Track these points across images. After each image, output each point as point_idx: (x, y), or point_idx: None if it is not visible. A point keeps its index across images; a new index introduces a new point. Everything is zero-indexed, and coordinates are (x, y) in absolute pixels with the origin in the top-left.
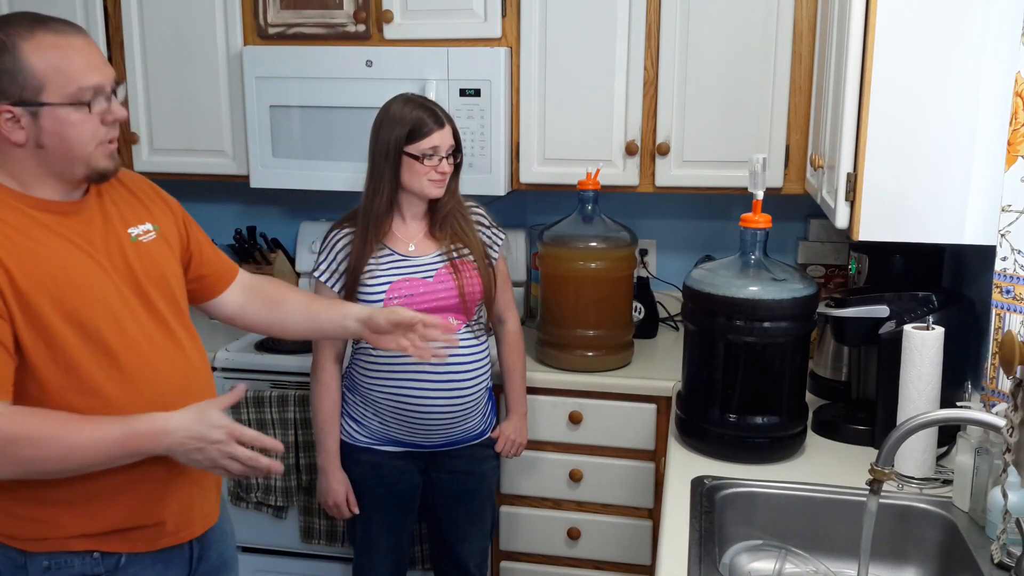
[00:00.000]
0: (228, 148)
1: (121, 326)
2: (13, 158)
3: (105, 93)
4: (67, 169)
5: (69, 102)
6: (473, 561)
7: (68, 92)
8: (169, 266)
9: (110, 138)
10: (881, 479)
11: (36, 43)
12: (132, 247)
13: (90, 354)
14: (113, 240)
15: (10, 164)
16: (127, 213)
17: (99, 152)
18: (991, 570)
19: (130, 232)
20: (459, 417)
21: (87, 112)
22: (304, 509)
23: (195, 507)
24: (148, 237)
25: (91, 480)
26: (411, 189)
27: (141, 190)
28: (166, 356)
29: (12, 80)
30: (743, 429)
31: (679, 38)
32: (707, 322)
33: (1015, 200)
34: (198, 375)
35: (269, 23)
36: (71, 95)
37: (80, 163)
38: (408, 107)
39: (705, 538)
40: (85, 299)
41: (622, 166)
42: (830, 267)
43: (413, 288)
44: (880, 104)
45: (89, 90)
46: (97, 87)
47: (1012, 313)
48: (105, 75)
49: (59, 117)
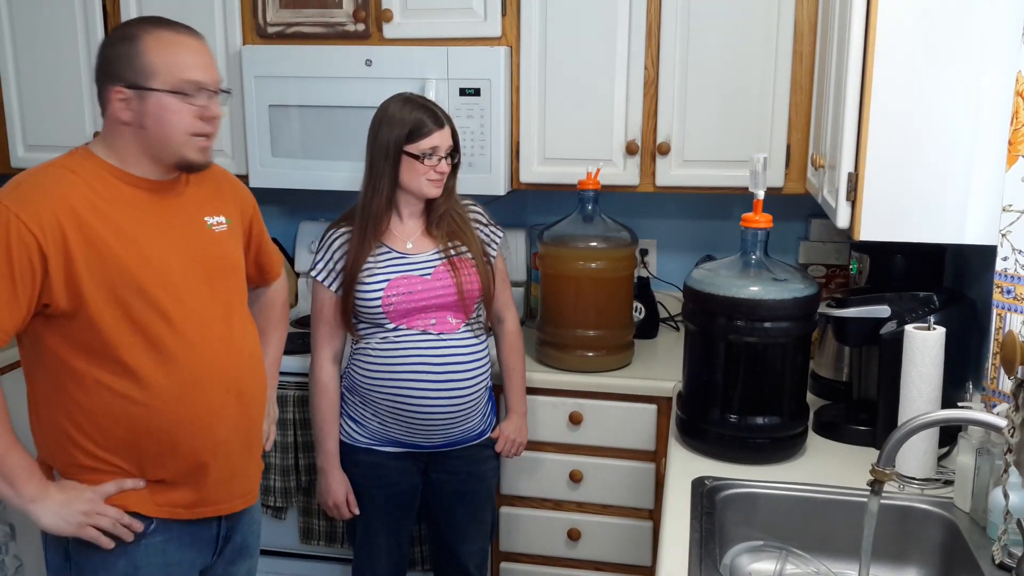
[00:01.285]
0: (227, 147)
1: (180, 298)
2: (119, 135)
3: (206, 91)
4: (161, 152)
5: (171, 90)
6: (473, 562)
7: (172, 82)
8: (235, 255)
9: (204, 133)
10: (882, 480)
11: (155, 37)
12: (207, 233)
13: (149, 317)
14: (191, 224)
15: (115, 140)
16: (207, 203)
17: (191, 143)
18: (992, 571)
19: (206, 220)
20: (459, 417)
21: (186, 103)
22: (303, 510)
23: (236, 480)
24: (220, 228)
25: (143, 432)
26: (409, 189)
27: (224, 185)
28: (217, 331)
29: (129, 65)
30: (744, 430)
31: (680, 37)
32: (708, 322)
33: (1016, 200)
34: (248, 360)
35: (268, 22)
36: (174, 84)
37: (173, 149)
38: (407, 107)
39: (706, 539)
40: (150, 270)
41: (622, 166)
42: (831, 267)
43: (411, 286)
44: (881, 104)
45: (191, 84)
46: (198, 83)
47: (1013, 313)
48: (209, 76)
49: (161, 103)
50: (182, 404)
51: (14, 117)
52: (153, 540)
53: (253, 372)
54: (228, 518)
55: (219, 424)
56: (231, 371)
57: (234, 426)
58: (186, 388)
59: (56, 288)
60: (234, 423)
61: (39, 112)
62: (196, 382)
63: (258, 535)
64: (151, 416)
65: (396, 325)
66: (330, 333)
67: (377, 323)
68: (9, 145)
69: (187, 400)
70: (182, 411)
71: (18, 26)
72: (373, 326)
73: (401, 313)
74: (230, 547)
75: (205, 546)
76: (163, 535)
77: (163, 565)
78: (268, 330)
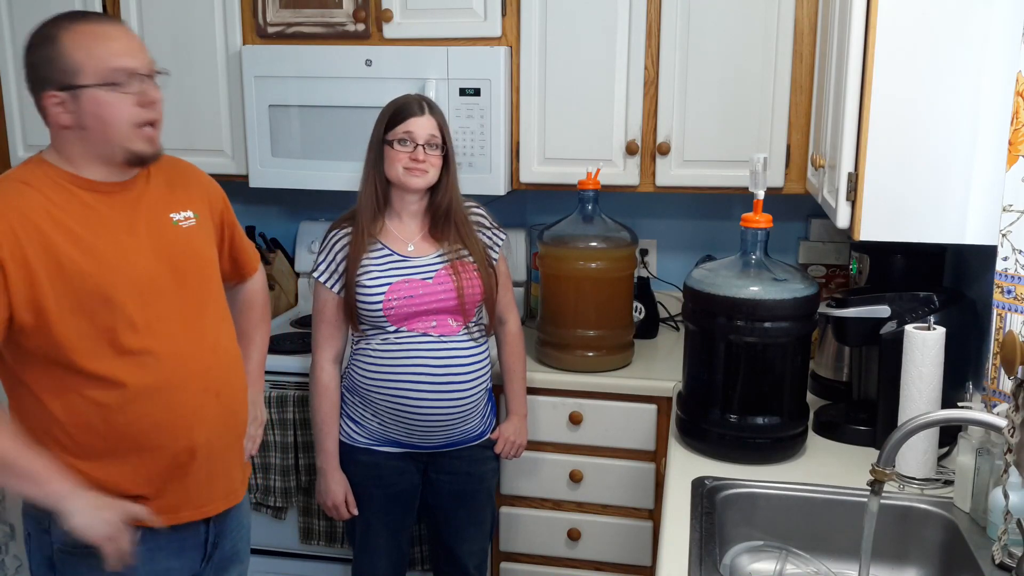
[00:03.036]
0: (227, 147)
1: (146, 301)
2: (64, 140)
3: (139, 77)
4: (107, 151)
5: (102, 83)
6: (473, 562)
7: (101, 73)
8: (206, 251)
9: (147, 120)
10: (882, 480)
11: (74, 32)
12: (173, 231)
13: (114, 323)
14: (155, 222)
15: (63, 146)
16: (171, 198)
17: (136, 135)
18: (992, 571)
19: (172, 217)
20: (458, 418)
21: (120, 93)
22: (303, 510)
23: (217, 480)
24: (188, 223)
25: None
26: (390, 179)
27: (190, 178)
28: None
29: (53, 67)
30: (744, 429)
31: (680, 37)
32: (708, 322)
33: (1016, 200)
34: (225, 357)
35: (268, 22)
36: (104, 76)
37: (118, 145)
38: (398, 99)
39: (706, 539)
40: (113, 276)
41: (622, 166)
42: (831, 267)
43: (412, 289)
44: (881, 104)
45: (122, 72)
46: (130, 70)
47: (1013, 313)
48: (139, 60)
49: (96, 98)
50: (158, 407)
51: (14, 117)
52: (141, 549)
53: (231, 369)
54: (216, 522)
55: (199, 424)
56: (209, 370)
57: (213, 425)
58: (161, 391)
59: (17, 303)
60: (214, 422)
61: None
62: (171, 384)
63: (248, 540)
64: (128, 421)
65: (397, 327)
66: (331, 333)
67: (377, 325)
68: (9, 145)
69: (163, 402)
70: (158, 414)
71: (18, 26)
72: (373, 327)
73: (402, 316)
74: (219, 553)
75: (193, 553)
76: (150, 543)
77: (151, 573)
78: (250, 331)
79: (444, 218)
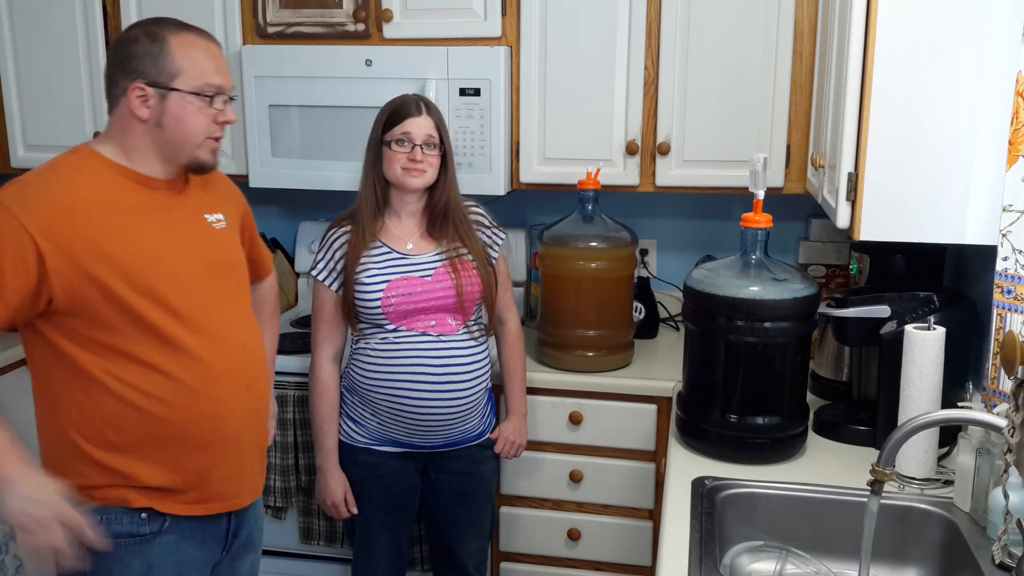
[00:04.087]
0: (227, 147)
1: (188, 294)
2: (130, 131)
3: (224, 96)
4: (174, 152)
5: (195, 92)
6: (472, 562)
7: (196, 84)
8: (236, 253)
9: (217, 136)
10: (882, 480)
11: (182, 39)
12: (208, 231)
13: (158, 314)
14: (192, 222)
15: (125, 137)
16: (205, 200)
17: (205, 145)
18: (992, 571)
19: (206, 218)
20: (458, 418)
21: (206, 105)
22: (303, 510)
23: (245, 473)
24: (220, 225)
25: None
26: (389, 179)
27: (220, 184)
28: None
29: (154, 63)
30: (744, 429)
31: (680, 37)
32: (708, 322)
33: (1016, 200)
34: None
35: (268, 22)
36: (198, 87)
37: (188, 149)
38: (395, 100)
39: (706, 539)
40: (156, 267)
41: (622, 166)
42: (831, 267)
43: (411, 287)
44: (881, 103)
45: (213, 88)
46: (219, 87)
47: (1013, 313)
48: (227, 81)
49: (184, 103)
50: (196, 398)
51: (14, 117)
52: (167, 538)
53: (259, 366)
54: (237, 513)
55: (230, 418)
56: (240, 365)
57: (244, 420)
58: (200, 382)
59: (57, 288)
60: (244, 417)
61: (39, 112)
62: (209, 376)
63: (262, 530)
64: (167, 410)
65: (396, 326)
66: (330, 332)
67: (377, 323)
68: (9, 145)
69: (201, 394)
70: (196, 405)
71: (18, 26)
72: (373, 326)
73: (401, 314)
74: (237, 542)
75: (216, 543)
76: (176, 533)
77: (177, 564)
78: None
79: (442, 217)
